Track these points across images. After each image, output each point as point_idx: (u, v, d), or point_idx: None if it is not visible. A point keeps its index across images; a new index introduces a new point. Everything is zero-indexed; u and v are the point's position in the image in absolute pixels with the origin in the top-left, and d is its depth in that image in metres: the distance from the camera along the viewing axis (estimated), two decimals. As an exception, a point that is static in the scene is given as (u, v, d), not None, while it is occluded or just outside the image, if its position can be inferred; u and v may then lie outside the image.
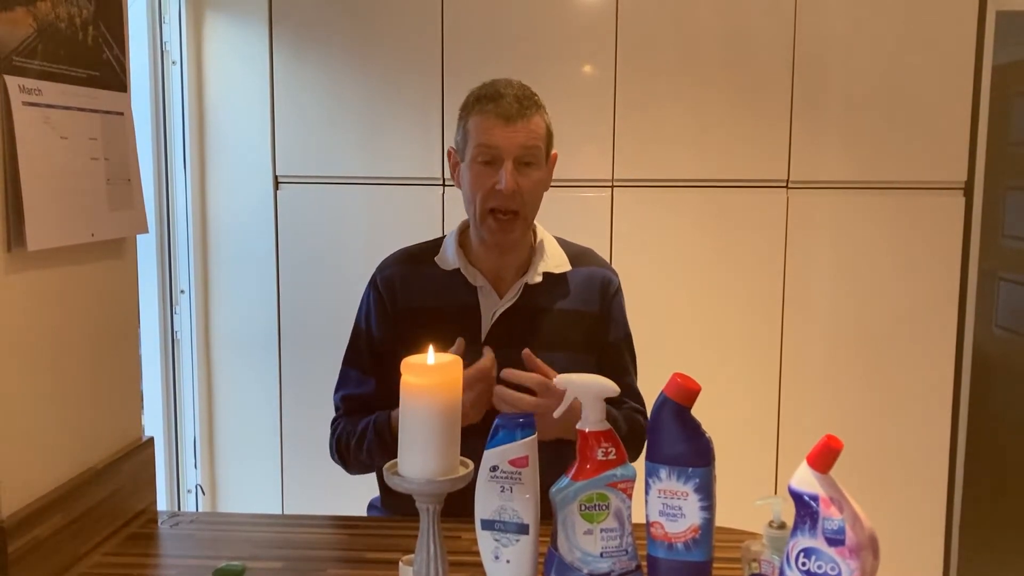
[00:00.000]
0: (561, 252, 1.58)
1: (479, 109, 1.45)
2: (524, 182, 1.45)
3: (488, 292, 1.52)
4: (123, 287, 1.47)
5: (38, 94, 1.20)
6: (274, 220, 2.53)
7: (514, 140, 1.43)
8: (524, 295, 1.52)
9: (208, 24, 2.51)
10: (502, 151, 1.43)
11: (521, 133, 1.43)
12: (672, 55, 2.44)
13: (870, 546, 0.91)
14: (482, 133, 1.44)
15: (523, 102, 1.45)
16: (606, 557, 1.13)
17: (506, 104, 1.43)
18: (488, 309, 1.51)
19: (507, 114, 1.43)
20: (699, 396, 1.11)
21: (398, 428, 1.39)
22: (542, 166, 1.49)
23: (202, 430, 2.60)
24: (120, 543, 1.35)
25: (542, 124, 1.48)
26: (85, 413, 1.35)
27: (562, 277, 1.55)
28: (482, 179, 1.45)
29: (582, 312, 1.55)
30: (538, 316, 1.52)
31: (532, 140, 1.45)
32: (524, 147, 1.44)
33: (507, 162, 1.43)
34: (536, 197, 1.50)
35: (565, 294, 1.55)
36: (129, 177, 1.42)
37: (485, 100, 1.45)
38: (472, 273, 1.52)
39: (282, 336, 2.56)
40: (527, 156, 1.45)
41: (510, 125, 1.43)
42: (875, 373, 2.50)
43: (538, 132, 1.47)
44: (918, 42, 2.42)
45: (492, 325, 1.50)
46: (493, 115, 1.43)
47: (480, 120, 1.45)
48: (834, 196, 2.47)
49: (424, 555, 1.00)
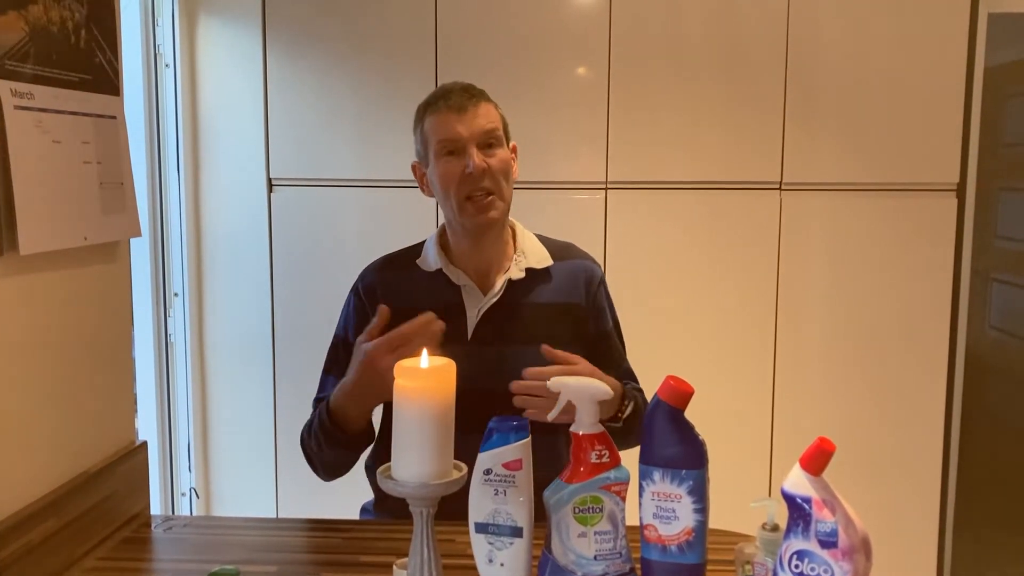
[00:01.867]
0: (542, 247, 1.59)
1: (432, 110, 1.50)
2: (492, 161, 1.48)
3: (471, 290, 1.53)
4: (116, 291, 1.47)
5: (30, 98, 1.20)
6: (268, 223, 2.53)
7: (472, 125, 1.47)
8: (508, 291, 1.52)
9: (201, 27, 2.51)
10: (463, 138, 1.46)
11: (478, 119, 1.47)
12: (666, 57, 2.45)
13: (863, 548, 0.92)
14: (440, 129, 1.48)
15: (470, 91, 1.50)
16: (600, 560, 1.13)
17: (455, 97, 1.48)
18: (473, 307, 1.52)
19: (459, 105, 1.47)
20: (693, 398, 1.11)
21: (335, 410, 1.42)
22: (504, 147, 1.52)
23: (196, 433, 2.59)
24: (114, 547, 1.35)
25: (494, 110, 1.52)
26: (78, 417, 1.34)
27: (545, 271, 1.56)
28: (450, 169, 1.47)
29: (567, 305, 1.56)
30: (523, 311, 1.52)
31: (489, 123, 1.49)
32: (484, 131, 1.47)
33: (470, 147, 1.46)
34: (507, 175, 1.52)
35: (549, 288, 1.55)
36: (122, 181, 1.42)
37: (434, 99, 1.50)
38: (455, 272, 1.53)
39: (276, 339, 2.56)
40: (488, 138, 1.48)
41: (464, 114, 1.47)
42: (868, 374, 2.51)
43: (492, 116, 1.50)
44: (910, 44, 2.43)
45: (478, 323, 1.51)
46: (445, 109, 1.48)
47: (434, 119, 1.49)
48: (827, 197, 2.48)
49: (418, 559, 1.00)
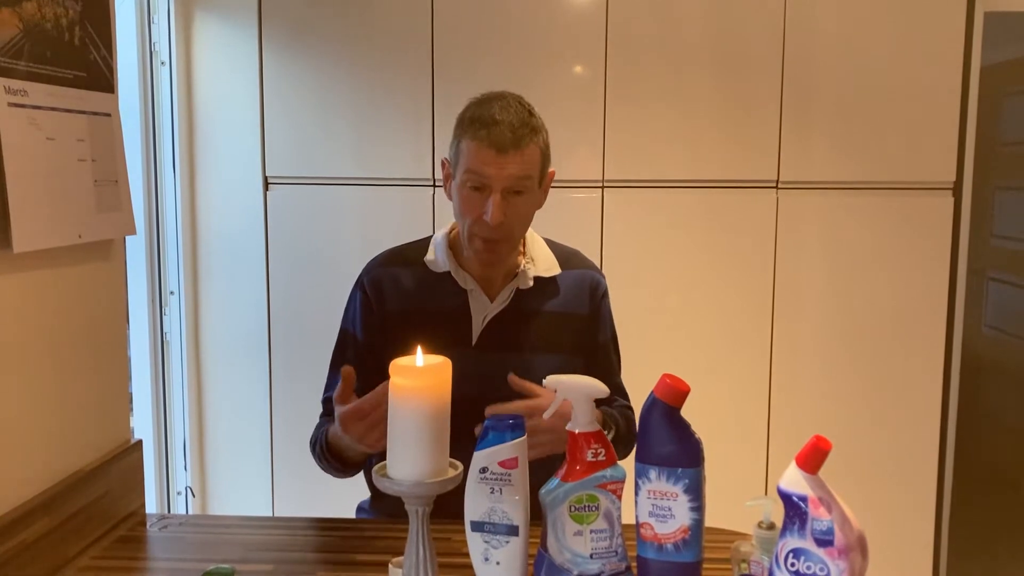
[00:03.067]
0: (550, 254, 1.56)
1: (472, 134, 1.40)
2: (512, 213, 1.41)
3: (478, 296, 1.51)
4: (111, 289, 1.46)
5: (24, 95, 1.19)
6: (264, 221, 2.53)
7: (504, 171, 1.38)
8: (514, 299, 1.51)
9: (197, 24, 2.50)
10: (491, 181, 1.38)
11: (513, 164, 1.38)
12: (662, 56, 2.45)
13: (859, 546, 0.92)
14: (473, 159, 1.39)
15: (517, 131, 1.38)
16: (596, 558, 1.13)
17: (499, 133, 1.37)
18: (478, 313, 1.50)
19: (500, 144, 1.37)
20: (689, 397, 1.11)
21: (332, 443, 1.41)
22: (534, 192, 1.45)
23: (192, 432, 2.59)
24: (109, 546, 1.34)
25: (536, 152, 1.43)
26: (73, 415, 1.34)
27: (552, 280, 1.54)
28: (470, 205, 1.42)
29: (572, 315, 1.55)
30: (529, 319, 1.51)
31: (524, 171, 1.40)
32: (515, 178, 1.39)
33: (495, 194, 1.39)
34: (525, 222, 1.48)
35: (555, 297, 1.54)
36: (117, 178, 1.41)
37: (479, 125, 1.39)
38: (463, 277, 1.50)
39: (272, 337, 2.55)
40: (517, 186, 1.40)
41: (502, 155, 1.38)
42: (865, 373, 2.51)
43: (531, 161, 1.42)
44: (907, 43, 2.43)
45: (483, 329, 1.50)
46: (486, 143, 1.38)
47: (472, 146, 1.39)
48: (823, 196, 2.48)
49: (413, 558, 1.00)
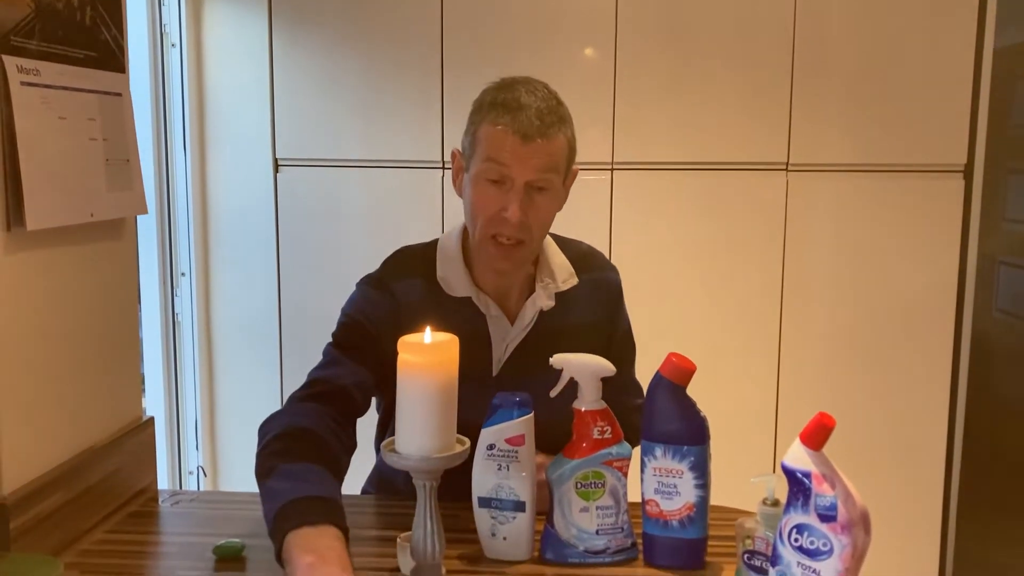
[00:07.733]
0: (566, 262, 1.43)
1: (493, 119, 1.25)
2: (534, 212, 1.27)
3: (499, 320, 1.37)
4: (123, 267, 1.47)
5: (36, 74, 1.20)
6: (274, 202, 2.54)
7: (529, 163, 1.24)
8: (536, 320, 1.38)
9: (207, 6, 2.50)
10: (514, 173, 1.24)
11: (539, 155, 1.24)
12: (672, 38, 2.44)
13: (862, 522, 0.92)
14: (494, 148, 1.24)
15: (545, 118, 1.24)
16: (602, 534, 1.14)
17: (525, 119, 1.23)
18: (499, 338, 1.37)
19: (525, 131, 1.23)
20: (698, 378, 1.12)
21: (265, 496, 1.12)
22: (557, 191, 1.30)
23: (203, 412, 2.61)
24: (121, 520, 1.36)
25: (563, 143, 1.28)
26: (85, 392, 1.36)
27: (570, 291, 1.42)
28: (487, 201, 1.27)
29: (594, 323, 1.45)
30: (552, 338, 1.35)
31: (550, 163, 1.26)
32: (539, 172, 1.25)
33: (518, 188, 1.25)
34: (545, 226, 1.33)
35: (576, 309, 1.42)
36: (128, 158, 1.42)
37: (502, 110, 1.24)
38: (484, 301, 1.36)
39: (282, 317, 2.57)
40: (540, 181, 1.26)
41: (527, 144, 1.23)
42: (874, 356, 2.51)
43: (558, 154, 1.27)
44: (919, 24, 2.41)
45: (507, 357, 1.38)
46: (509, 130, 1.23)
47: (493, 132, 1.25)
48: (834, 179, 2.47)
49: (421, 531, 1.01)
